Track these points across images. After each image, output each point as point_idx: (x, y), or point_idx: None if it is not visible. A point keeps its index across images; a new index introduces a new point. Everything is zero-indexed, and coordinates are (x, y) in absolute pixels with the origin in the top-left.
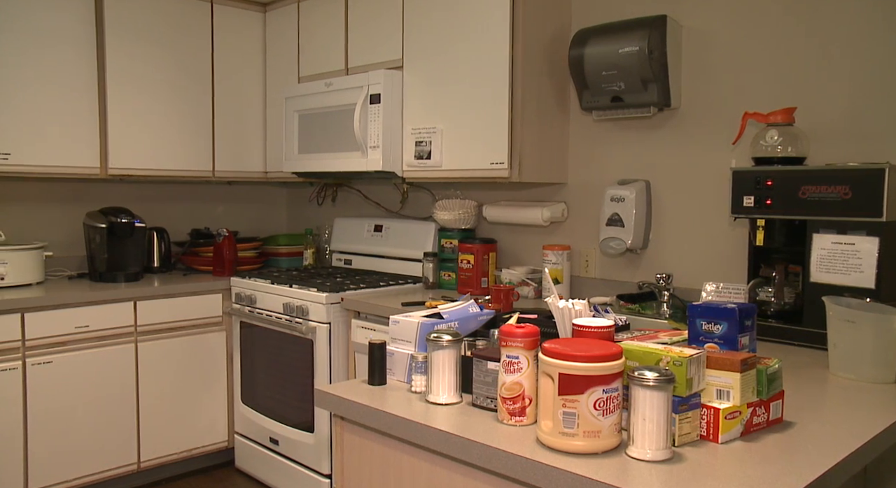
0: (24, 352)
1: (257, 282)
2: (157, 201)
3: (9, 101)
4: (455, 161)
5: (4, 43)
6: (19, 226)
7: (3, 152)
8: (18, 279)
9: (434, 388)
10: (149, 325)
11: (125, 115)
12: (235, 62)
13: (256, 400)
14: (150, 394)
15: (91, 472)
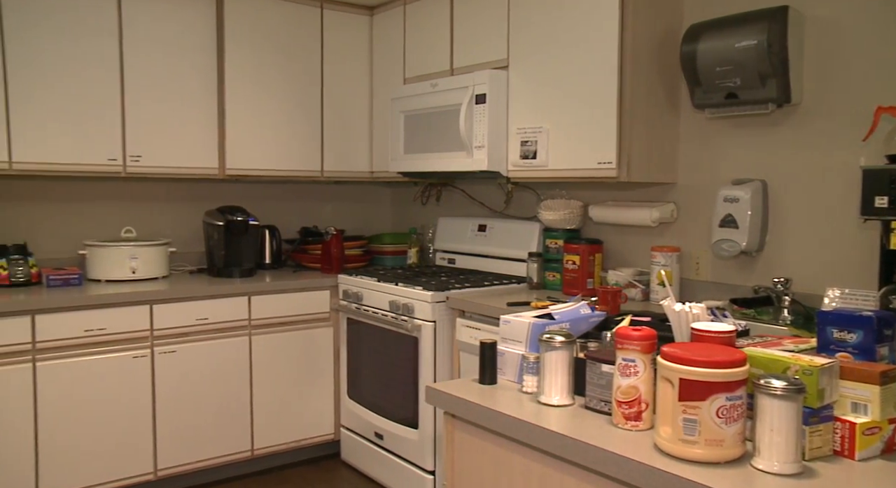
0: (152, 342)
1: (364, 279)
2: (269, 200)
3: (140, 107)
4: (561, 161)
5: (134, 53)
6: (148, 224)
7: (135, 155)
8: (147, 273)
9: (546, 389)
10: (262, 319)
11: (241, 118)
12: (343, 65)
13: (362, 394)
14: (262, 385)
15: (210, 456)
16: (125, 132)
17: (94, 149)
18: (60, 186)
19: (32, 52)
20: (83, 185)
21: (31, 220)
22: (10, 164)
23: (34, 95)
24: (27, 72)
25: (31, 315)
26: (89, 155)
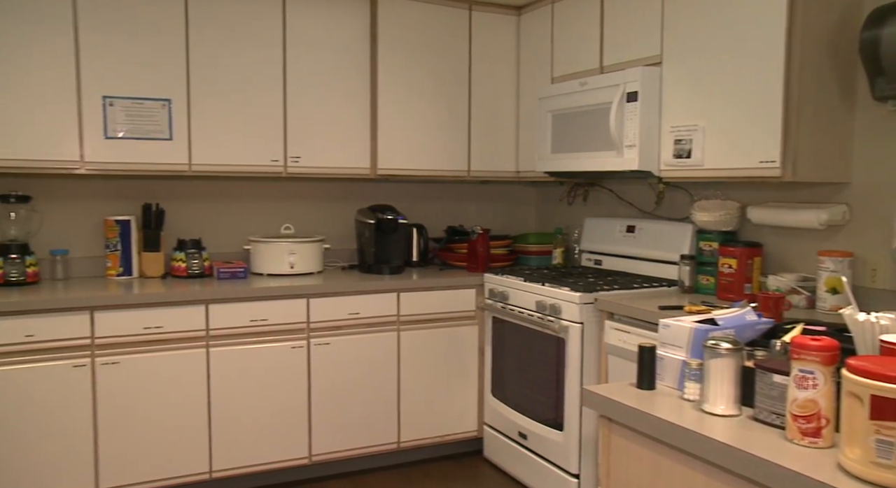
0: (308, 334)
1: (510, 279)
2: (416, 199)
3: (300, 111)
4: (718, 160)
5: (295, 60)
6: (304, 221)
7: (295, 156)
8: (304, 268)
9: (710, 398)
10: (409, 316)
11: (392, 120)
12: (490, 65)
13: (506, 393)
14: (409, 380)
15: (360, 446)
16: (286, 135)
17: (259, 152)
18: (230, 186)
19: (211, 64)
20: (249, 185)
21: (205, 217)
22: (190, 166)
23: (211, 104)
24: (206, 82)
25: (205, 304)
26: (255, 157)
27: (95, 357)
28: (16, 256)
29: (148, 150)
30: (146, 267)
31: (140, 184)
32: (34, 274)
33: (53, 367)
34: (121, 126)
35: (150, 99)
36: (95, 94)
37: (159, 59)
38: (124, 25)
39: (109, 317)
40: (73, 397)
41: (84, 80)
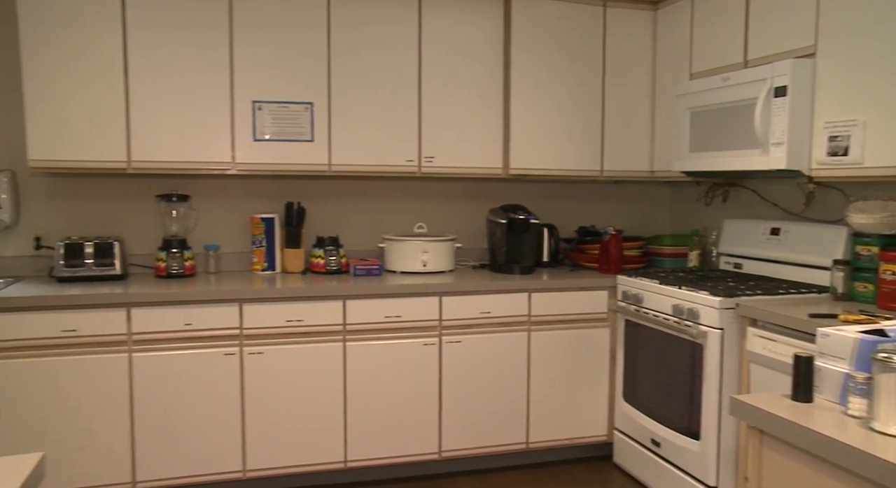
0: (440, 331)
1: (644, 281)
2: (547, 199)
3: (434, 111)
4: (882, 157)
5: (430, 61)
6: (437, 220)
7: (428, 156)
8: (436, 266)
9: (881, 415)
10: (540, 316)
11: (525, 119)
12: (624, 62)
13: (638, 398)
14: (539, 380)
15: (488, 444)
16: (421, 135)
17: (394, 152)
18: (366, 185)
19: (350, 68)
20: (384, 185)
21: (343, 216)
22: (330, 167)
23: (350, 106)
24: (345, 85)
25: (342, 300)
26: (391, 157)
27: (244, 346)
28: (176, 250)
29: (291, 151)
30: (288, 262)
31: (283, 184)
32: (191, 267)
33: (207, 354)
34: (267, 129)
35: (294, 102)
36: (246, 99)
37: (303, 65)
38: (272, 35)
39: (256, 310)
40: (224, 383)
41: (237, 87)
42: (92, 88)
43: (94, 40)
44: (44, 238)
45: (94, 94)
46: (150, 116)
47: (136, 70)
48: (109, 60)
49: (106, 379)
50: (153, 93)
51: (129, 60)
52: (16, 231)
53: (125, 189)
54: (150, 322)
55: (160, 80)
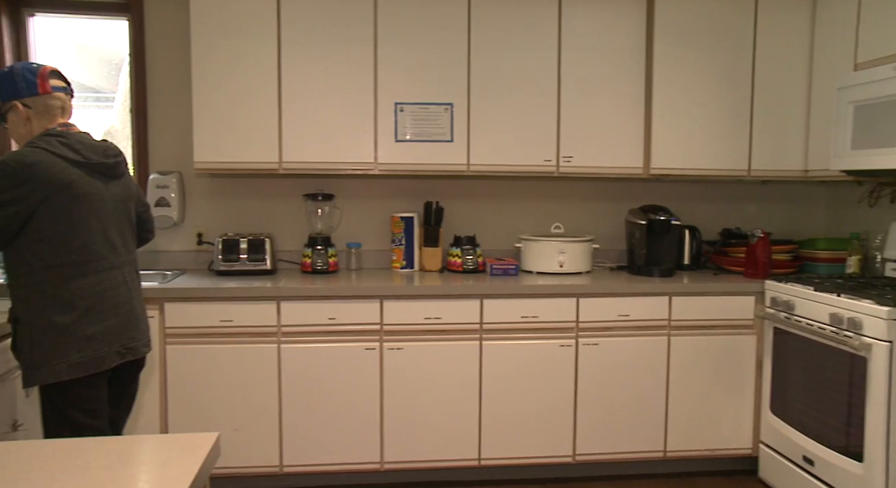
0: (577, 333)
1: (796, 287)
2: (689, 200)
3: (573, 111)
4: None
5: (570, 60)
6: (574, 221)
7: (567, 155)
8: (573, 267)
9: None
10: (681, 321)
11: (667, 117)
12: (777, 54)
13: (788, 412)
14: (678, 387)
15: (624, 450)
16: (559, 135)
17: (532, 152)
18: (503, 185)
19: (489, 69)
20: (521, 184)
21: (480, 215)
22: (468, 166)
23: (488, 106)
24: (484, 86)
25: (480, 299)
26: (529, 157)
27: (384, 342)
28: (321, 248)
29: (431, 152)
30: (426, 261)
31: (422, 184)
32: (334, 264)
33: (349, 348)
34: (408, 129)
35: (434, 104)
36: (389, 101)
37: (443, 67)
38: (414, 38)
39: (396, 306)
40: (364, 377)
41: (380, 90)
42: (250, 95)
43: (252, 51)
44: (204, 234)
45: (251, 101)
46: (300, 120)
47: (289, 77)
48: (266, 69)
49: (258, 367)
50: (303, 98)
51: (283, 69)
52: (182, 227)
53: (275, 188)
54: (297, 315)
55: (310, 85)
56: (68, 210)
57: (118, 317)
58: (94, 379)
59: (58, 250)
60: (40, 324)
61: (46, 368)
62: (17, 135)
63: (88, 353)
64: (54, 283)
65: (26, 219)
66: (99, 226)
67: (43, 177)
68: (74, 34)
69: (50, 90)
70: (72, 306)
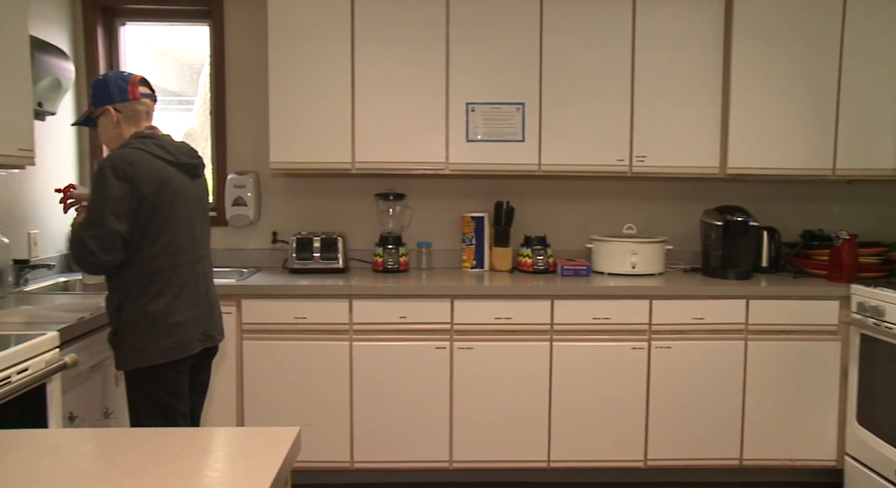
0: (650, 335)
1: (887, 292)
2: (767, 200)
3: (646, 109)
4: None
5: (644, 58)
6: (646, 221)
7: (640, 155)
8: (645, 269)
9: None
10: (759, 325)
11: (745, 115)
12: (866, 51)
13: (877, 423)
14: (755, 393)
15: (698, 457)
16: (633, 134)
17: (605, 151)
18: (574, 185)
19: (561, 68)
20: (593, 184)
21: (550, 215)
22: (540, 166)
23: (560, 106)
24: (556, 85)
25: (550, 300)
26: (601, 156)
27: (454, 341)
28: (392, 247)
29: (502, 151)
30: (496, 261)
31: (493, 183)
32: (405, 263)
33: (419, 347)
34: (480, 129)
35: (506, 103)
36: (460, 101)
37: (515, 66)
38: (486, 38)
39: (466, 306)
40: (434, 376)
41: (452, 90)
42: (324, 96)
43: (326, 53)
44: (279, 233)
45: (325, 101)
46: (372, 120)
47: (362, 78)
48: (339, 71)
49: (330, 364)
50: (375, 98)
51: (356, 70)
52: (258, 226)
53: (347, 188)
54: (369, 313)
55: (382, 85)
56: (165, 206)
57: (199, 307)
58: (180, 365)
59: (154, 243)
60: (136, 312)
61: (141, 353)
62: (106, 137)
63: (176, 339)
64: (150, 275)
65: (136, 215)
66: (186, 222)
67: (146, 175)
68: (157, 41)
69: (139, 96)
70: (162, 296)
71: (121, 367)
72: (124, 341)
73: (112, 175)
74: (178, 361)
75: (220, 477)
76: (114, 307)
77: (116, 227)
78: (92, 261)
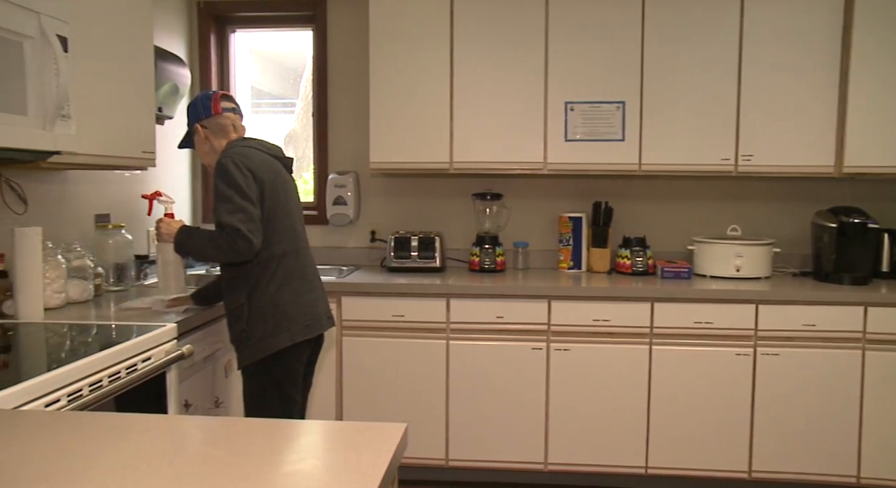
0: (755, 342)
1: None
2: (886, 200)
3: (754, 107)
4: None
5: (753, 53)
6: (752, 222)
7: (746, 154)
8: (750, 272)
9: None
10: (878, 334)
11: (865, 110)
12: None
13: None
14: (874, 406)
15: (811, 471)
16: (738, 132)
17: (708, 150)
18: (675, 185)
19: (663, 65)
20: (695, 184)
21: (650, 216)
22: (640, 166)
23: (662, 103)
24: (658, 82)
25: (650, 302)
26: (704, 155)
27: (550, 342)
28: (489, 246)
29: (601, 151)
30: (593, 262)
31: (591, 183)
32: (502, 263)
33: (516, 347)
34: (579, 129)
35: (606, 102)
36: (559, 100)
37: (615, 64)
38: (586, 36)
39: (563, 307)
40: (530, 376)
41: (550, 89)
42: (423, 97)
43: (426, 54)
44: (377, 232)
45: (424, 103)
46: (470, 120)
47: (460, 78)
48: (438, 71)
49: (427, 362)
50: (474, 98)
51: (455, 70)
52: (357, 225)
53: (444, 188)
54: (466, 312)
55: (481, 85)
56: (280, 193)
57: (317, 289)
58: (301, 353)
59: (276, 229)
60: (273, 300)
61: (276, 337)
62: (202, 153)
63: (311, 316)
64: (277, 259)
65: (260, 202)
66: (296, 211)
67: (261, 166)
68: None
69: (220, 111)
70: (291, 278)
71: (248, 360)
72: (255, 331)
73: (234, 167)
74: (300, 348)
75: (332, 470)
76: (244, 297)
77: (256, 212)
78: (245, 245)
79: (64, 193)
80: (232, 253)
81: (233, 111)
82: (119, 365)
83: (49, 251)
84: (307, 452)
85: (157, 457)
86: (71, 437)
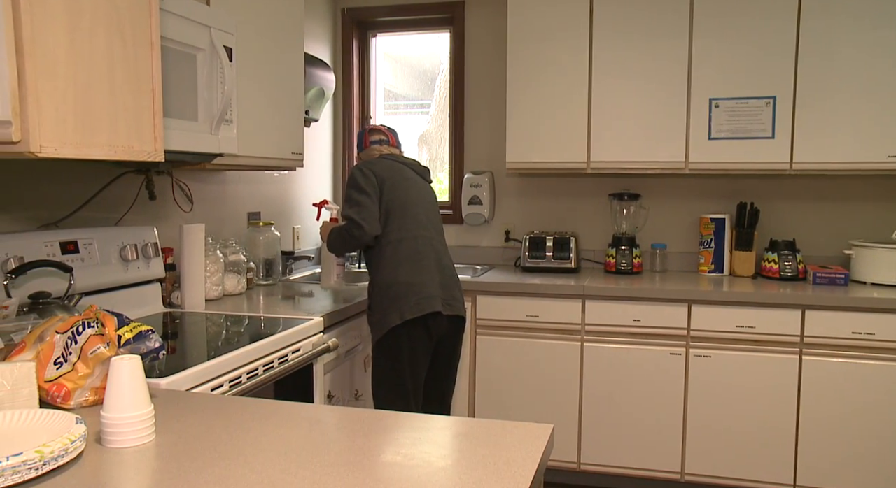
0: None
1: None
2: None
3: None
4: None
5: None
6: None
7: None
8: None
9: None
10: None
11: None
12: None
13: None
14: None
15: None
16: None
17: (872, 147)
18: (830, 185)
19: (821, 55)
20: (853, 184)
21: (801, 218)
22: (791, 165)
23: (819, 97)
24: (815, 75)
25: (801, 310)
26: (867, 153)
27: (690, 348)
28: (625, 248)
29: (747, 149)
30: (737, 265)
31: (735, 183)
32: (638, 264)
33: (653, 352)
34: (724, 127)
35: (754, 98)
36: (703, 97)
37: (765, 57)
38: (733, 29)
39: (704, 312)
40: (667, 382)
41: (693, 85)
42: (560, 97)
43: (564, 53)
44: (512, 231)
45: (561, 103)
46: (608, 119)
47: (599, 77)
48: (576, 70)
49: (560, 363)
50: (612, 97)
51: (593, 69)
52: (491, 224)
53: (580, 188)
54: (601, 315)
55: (619, 84)
56: (400, 187)
57: (438, 276)
58: (414, 333)
59: (395, 218)
60: (387, 281)
61: (393, 314)
62: None
63: (423, 296)
64: (394, 244)
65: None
66: (422, 203)
67: (383, 168)
68: (394, 50)
69: (368, 145)
70: (407, 261)
71: (374, 339)
72: (376, 312)
73: (358, 171)
74: (414, 328)
75: (482, 466)
76: (370, 282)
77: (371, 203)
78: (358, 232)
79: (223, 193)
80: (350, 239)
81: (379, 142)
82: (273, 354)
83: (209, 246)
84: (456, 446)
85: (310, 446)
86: (240, 419)
